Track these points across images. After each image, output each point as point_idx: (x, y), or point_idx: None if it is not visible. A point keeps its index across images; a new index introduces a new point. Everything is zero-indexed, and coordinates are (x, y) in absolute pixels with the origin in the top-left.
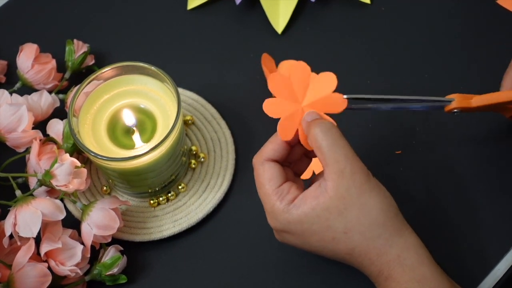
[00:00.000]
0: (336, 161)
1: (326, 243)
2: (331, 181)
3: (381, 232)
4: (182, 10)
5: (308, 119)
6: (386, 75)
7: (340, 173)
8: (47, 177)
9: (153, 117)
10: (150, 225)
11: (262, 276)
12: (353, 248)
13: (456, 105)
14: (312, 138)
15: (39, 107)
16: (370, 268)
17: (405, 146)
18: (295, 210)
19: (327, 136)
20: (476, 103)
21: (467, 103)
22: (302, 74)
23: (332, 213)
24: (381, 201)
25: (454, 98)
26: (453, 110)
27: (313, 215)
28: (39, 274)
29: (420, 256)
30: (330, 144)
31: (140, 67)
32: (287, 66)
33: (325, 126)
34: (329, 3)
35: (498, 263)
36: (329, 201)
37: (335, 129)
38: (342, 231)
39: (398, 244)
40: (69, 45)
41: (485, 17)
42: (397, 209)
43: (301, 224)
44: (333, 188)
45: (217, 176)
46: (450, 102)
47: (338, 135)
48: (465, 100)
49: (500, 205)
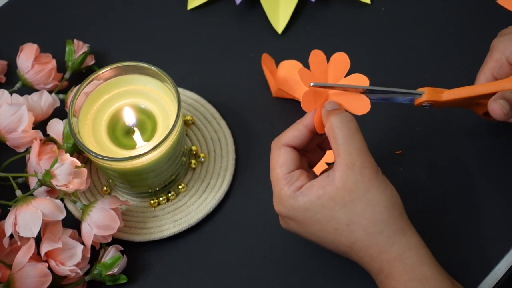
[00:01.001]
0: (349, 153)
1: (328, 233)
2: (340, 172)
3: (383, 228)
4: (182, 10)
5: (328, 107)
6: (386, 75)
7: (351, 165)
8: (47, 177)
9: (153, 117)
10: (150, 225)
11: (262, 276)
12: (354, 241)
13: (426, 98)
14: (329, 127)
15: (39, 107)
16: (371, 265)
17: (405, 146)
18: (301, 197)
19: (344, 127)
20: (446, 97)
21: (438, 97)
22: (341, 65)
23: (337, 204)
24: (387, 199)
25: (424, 91)
26: (423, 104)
27: (318, 203)
28: (39, 274)
29: (421, 256)
30: (346, 136)
31: (140, 67)
32: (287, 66)
33: (344, 117)
34: (329, 3)
35: (498, 263)
36: (336, 192)
37: (354, 122)
38: (345, 223)
39: (400, 243)
40: (69, 45)
41: (485, 17)
42: (403, 209)
43: (306, 211)
44: (341, 179)
45: (217, 176)
46: (420, 95)
47: (355, 128)
48: (435, 93)
49: (500, 205)
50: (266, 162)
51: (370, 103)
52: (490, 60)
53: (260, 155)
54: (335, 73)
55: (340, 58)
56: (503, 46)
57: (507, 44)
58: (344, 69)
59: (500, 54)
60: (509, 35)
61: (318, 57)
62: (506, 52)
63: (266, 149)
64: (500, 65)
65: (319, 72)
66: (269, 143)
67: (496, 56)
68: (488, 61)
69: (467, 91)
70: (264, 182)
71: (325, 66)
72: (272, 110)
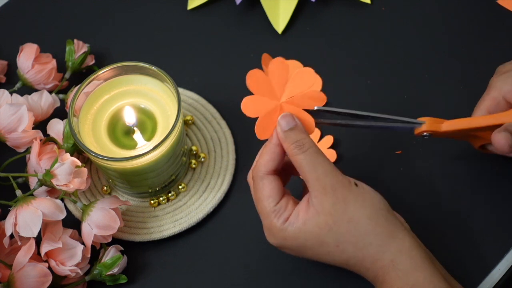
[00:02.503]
0: (317, 178)
1: (322, 256)
2: (315, 198)
3: (372, 240)
4: (182, 10)
5: (284, 126)
6: (386, 75)
7: (322, 189)
8: (48, 177)
9: (153, 117)
10: (150, 225)
11: (262, 276)
12: (347, 259)
13: (426, 128)
14: (291, 155)
15: (39, 107)
16: (367, 274)
17: (405, 146)
18: (290, 227)
19: (305, 154)
20: (446, 127)
21: (437, 127)
22: (280, 70)
23: (323, 229)
24: (367, 210)
25: (425, 121)
26: (423, 133)
27: (305, 230)
28: (40, 274)
29: (413, 259)
30: (309, 162)
31: (140, 67)
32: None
33: (302, 145)
34: (329, 3)
35: (498, 263)
36: (318, 217)
37: (313, 148)
38: (334, 244)
39: (390, 249)
40: (69, 45)
41: (485, 17)
42: (388, 212)
43: (296, 240)
44: (319, 204)
45: (217, 176)
46: (420, 124)
47: (315, 153)
48: (435, 123)
49: (500, 205)
50: None
51: (314, 125)
52: (487, 98)
53: None
54: (278, 81)
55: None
56: (500, 84)
57: (503, 83)
58: (285, 73)
59: (497, 93)
60: (506, 74)
61: (253, 77)
62: (503, 90)
63: None
64: (496, 102)
65: (264, 90)
66: None
67: (494, 95)
68: (485, 98)
69: (467, 122)
70: None
71: (266, 80)
72: None
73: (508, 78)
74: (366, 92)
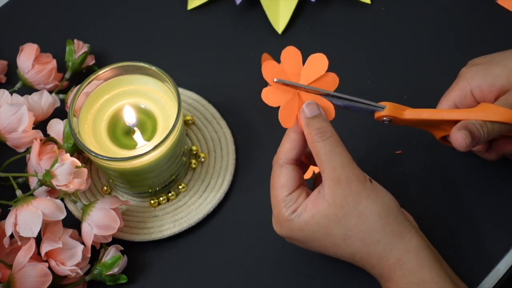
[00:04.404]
0: (333, 168)
1: (328, 248)
2: (328, 188)
3: (380, 237)
4: (182, 10)
5: (308, 113)
6: (386, 75)
7: (337, 180)
8: (48, 177)
9: (153, 117)
10: (151, 225)
11: (263, 275)
12: (353, 253)
13: (386, 113)
14: (310, 142)
15: (40, 107)
16: (372, 271)
17: (405, 146)
18: (297, 219)
19: (325, 142)
20: (408, 115)
21: (399, 114)
22: (293, 59)
23: (331, 221)
24: (379, 207)
25: (386, 105)
26: (383, 118)
27: (313, 222)
28: (40, 274)
29: (420, 259)
30: (328, 151)
31: (141, 67)
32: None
33: (324, 132)
34: (329, 3)
35: (499, 263)
36: (328, 209)
37: (334, 137)
38: (341, 238)
39: (398, 248)
40: (69, 45)
41: (485, 17)
42: (398, 211)
43: (303, 231)
44: (331, 196)
45: (217, 176)
46: (382, 108)
47: (336, 142)
48: (397, 109)
49: (500, 204)
50: (266, 162)
51: (334, 110)
52: (456, 88)
53: (260, 155)
54: (292, 70)
55: (318, 60)
56: (470, 76)
57: (473, 75)
58: (320, 72)
59: (465, 84)
60: (477, 66)
61: (268, 69)
62: (471, 84)
63: (266, 149)
64: (464, 95)
65: (291, 70)
66: (270, 143)
67: (462, 86)
68: (453, 89)
69: (430, 113)
70: (264, 182)
71: (281, 70)
72: (272, 110)
73: (479, 72)
74: (366, 92)
